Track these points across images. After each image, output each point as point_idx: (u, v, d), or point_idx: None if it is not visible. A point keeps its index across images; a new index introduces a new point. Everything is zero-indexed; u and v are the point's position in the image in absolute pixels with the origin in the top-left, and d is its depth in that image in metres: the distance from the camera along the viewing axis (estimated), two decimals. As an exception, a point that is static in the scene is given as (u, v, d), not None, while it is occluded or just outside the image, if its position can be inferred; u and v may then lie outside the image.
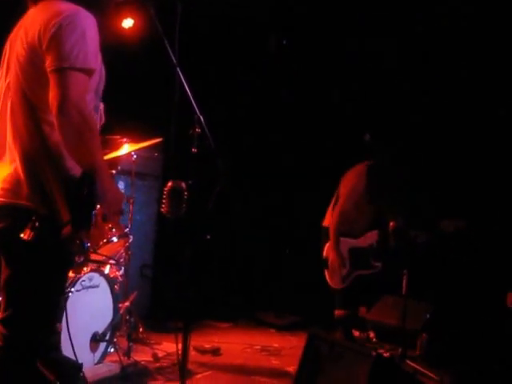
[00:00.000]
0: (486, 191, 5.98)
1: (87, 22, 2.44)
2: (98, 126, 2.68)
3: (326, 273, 5.56)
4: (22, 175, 2.44)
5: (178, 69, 3.13)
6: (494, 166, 5.98)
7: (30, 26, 2.48)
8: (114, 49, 2.99)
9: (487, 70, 5.98)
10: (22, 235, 2.35)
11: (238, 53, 7.16)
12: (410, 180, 5.68)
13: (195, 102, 3.18)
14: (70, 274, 4.11)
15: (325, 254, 5.59)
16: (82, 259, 2.58)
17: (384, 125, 6.42)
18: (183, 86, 3.10)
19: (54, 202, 2.38)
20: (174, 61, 3.10)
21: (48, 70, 2.35)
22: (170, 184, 3.59)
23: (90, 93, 2.50)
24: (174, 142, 3.61)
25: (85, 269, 4.28)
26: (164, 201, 3.58)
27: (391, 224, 5.09)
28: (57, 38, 2.36)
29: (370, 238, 5.57)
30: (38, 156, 2.43)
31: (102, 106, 2.81)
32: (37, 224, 2.37)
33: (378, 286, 5.71)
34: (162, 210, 3.64)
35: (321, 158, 7.17)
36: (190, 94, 3.14)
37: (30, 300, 2.47)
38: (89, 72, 2.40)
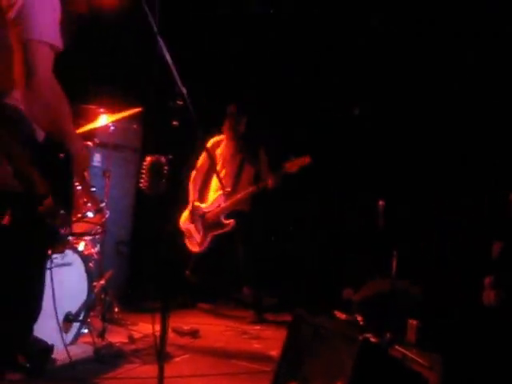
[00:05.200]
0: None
1: None
2: None
3: (186, 241, 6.67)
4: None
5: (159, 38, 3.10)
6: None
7: None
8: (91, 15, 2.98)
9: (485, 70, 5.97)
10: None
11: (226, 20, 7.12)
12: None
13: (178, 74, 3.16)
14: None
15: (181, 225, 6.64)
16: (68, 230, 2.53)
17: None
18: (164, 56, 3.08)
19: (25, 175, 2.33)
20: (155, 29, 3.08)
21: (17, 40, 2.32)
22: (149, 159, 3.61)
23: None
24: (154, 114, 3.62)
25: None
26: (143, 176, 3.61)
27: (380, 203, 5.10)
28: (27, 8, 2.32)
29: (217, 201, 6.54)
30: None
31: None
32: (16, 207, 2.32)
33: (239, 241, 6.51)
34: (141, 185, 3.67)
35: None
36: (171, 65, 3.11)
37: (12, 288, 2.44)
38: (56, 49, 2.39)
